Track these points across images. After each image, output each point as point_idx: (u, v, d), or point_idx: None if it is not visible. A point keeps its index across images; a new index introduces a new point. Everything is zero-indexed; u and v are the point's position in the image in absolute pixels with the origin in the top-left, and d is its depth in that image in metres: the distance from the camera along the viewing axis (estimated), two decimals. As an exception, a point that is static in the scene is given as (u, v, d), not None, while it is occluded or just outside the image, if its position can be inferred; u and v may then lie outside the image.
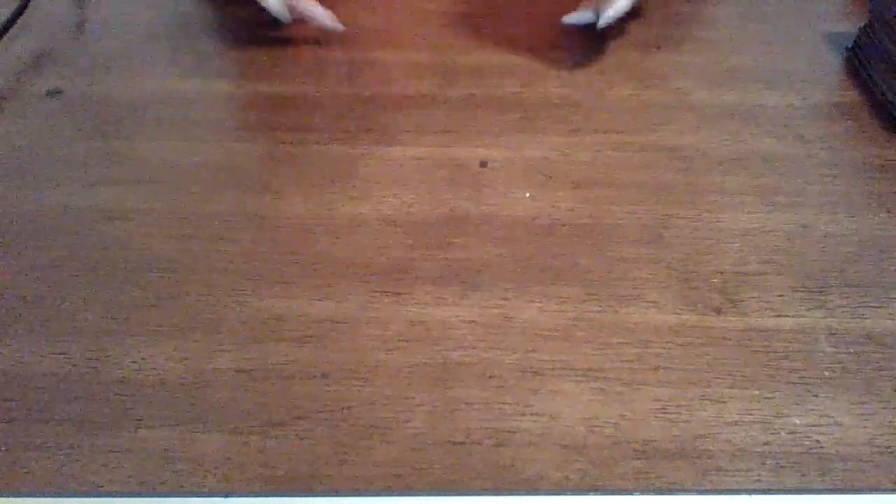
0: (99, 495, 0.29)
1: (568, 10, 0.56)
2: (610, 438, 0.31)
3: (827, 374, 0.33)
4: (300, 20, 0.51)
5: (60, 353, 0.34)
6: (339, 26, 0.51)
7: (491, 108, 0.47)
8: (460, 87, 0.49)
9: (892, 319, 0.35)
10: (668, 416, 0.32)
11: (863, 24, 0.50)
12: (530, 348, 0.34)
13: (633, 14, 0.52)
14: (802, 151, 0.44)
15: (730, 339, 0.34)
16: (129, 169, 0.43)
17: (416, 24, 0.55)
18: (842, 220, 0.40)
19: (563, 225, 0.40)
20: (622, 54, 0.52)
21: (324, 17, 0.50)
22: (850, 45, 0.51)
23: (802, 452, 0.30)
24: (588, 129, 0.46)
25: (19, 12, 0.53)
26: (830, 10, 0.56)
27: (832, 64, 0.51)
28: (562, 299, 0.36)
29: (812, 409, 0.32)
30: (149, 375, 0.33)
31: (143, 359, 0.34)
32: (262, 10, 0.50)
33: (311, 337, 0.35)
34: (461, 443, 0.31)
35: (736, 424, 0.31)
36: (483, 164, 0.43)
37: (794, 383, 0.33)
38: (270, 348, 0.34)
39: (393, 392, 0.32)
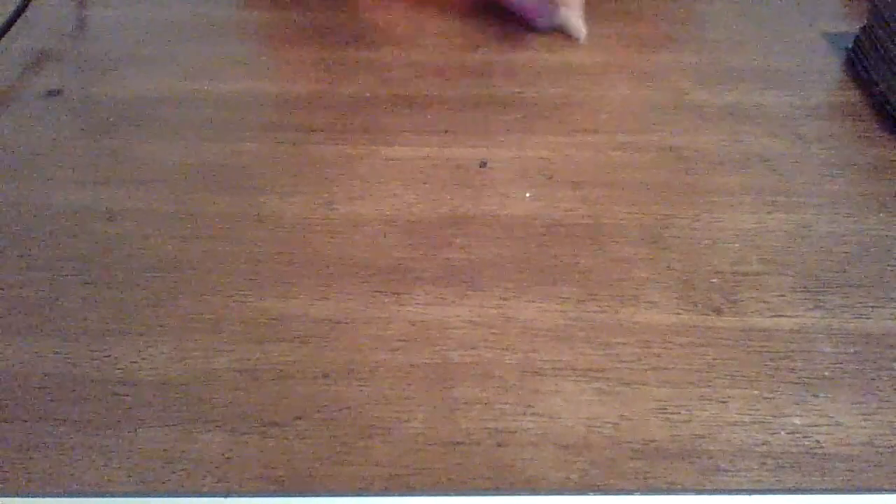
0: (99, 495, 0.29)
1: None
2: (610, 438, 0.31)
3: (827, 374, 0.33)
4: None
5: (60, 353, 0.34)
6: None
7: (491, 108, 0.47)
8: (460, 87, 0.49)
9: (892, 319, 0.35)
10: (668, 416, 0.32)
11: (863, 24, 0.50)
12: (530, 348, 0.34)
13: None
14: (802, 151, 0.44)
15: (730, 339, 0.34)
16: (129, 169, 0.43)
17: (416, 24, 0.55)
18: (842, 220, 0.40)
19: (563, 225, 0.40)
20: (622, 54, 0.52)
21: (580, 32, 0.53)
22: (850, 45, 0.51)
23: (802, 452, 0.30)
24: (588, 129, 0.46)
25: (19, 12, 0.53)
26: (830, 10, 0.56)
27: (832, 64, 0.51)
28: (562, 299, 0.36)
29: (812, 409, 0.32)
30: (149, 375, 0.33)
31: (143, 359, 0.34)
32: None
33: (311, 337, 0.35)
34: (461, 443, 0.31)
35: (736, 424, 0.31)
36: (483, 164, 0.43)
37: (794, 383, 0.33)
38: (270, 348, 0.34)
39: (393, 392, 0.32)
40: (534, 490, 0.29)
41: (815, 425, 0.31)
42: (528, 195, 0.41)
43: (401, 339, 0.34)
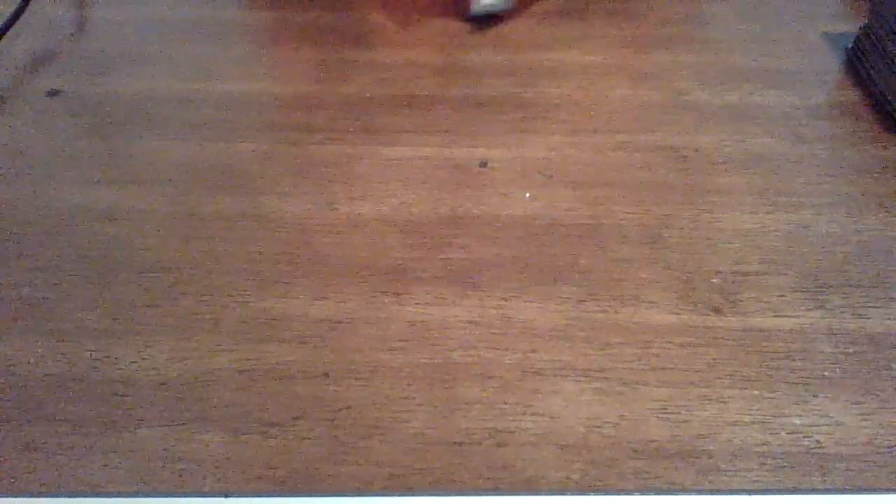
0: (99, 495, 0.29)
1: (567, 11, 0.56)
2: (610, 438, 0.31)
3: (827, 374, 0.33)
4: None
5: (60, 353, 0.34)
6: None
7: (491, 108, 0.47)
8: (460, 87, 0.49)
9: (892, 319, 0.35)
10: (668, 416, 0.32)
11: (863, 24, 0.50)
12: (530, 348, 0.34)
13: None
14: (802, 151, 0.44)
15: (730, 339, 0.34)
16: (129, 169, 0.43)
17: (416, 24, 0.55)
18: (842, 220, 0.40)
19: (563, 225, 0.40)
20: (622, 54, 0.52)
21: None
22: (850, 45, 0.51)
23: (802, 452, 0.30)
24: (588, 129, 0.46)
25: (19, 12, 0.53)
26: (830, 10, 0.56)
27: (832, 64, 0.51)
28: (562, 299, 0.36)
29: (812, 409, 0.32)
30: (149, 375, 0.33)
31: (143, 359, 0.34)
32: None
33: (311, 337, 0.35)
34: (461, 443, 0.31)
35: (736, 424, 0.31)
36: (483, 164, 0.43)
37: (794, 383, 0.33)
38: (270, 348, 0.34)
39: (393, 392, 0.32)
40: (534, 490, 0.29)
41: (815, 425, 0.31)
42: (528, 195, 0.41)
43: (401, 339, 0.34)
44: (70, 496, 0.29)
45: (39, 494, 0.29)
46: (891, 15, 0.46)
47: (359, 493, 0.29)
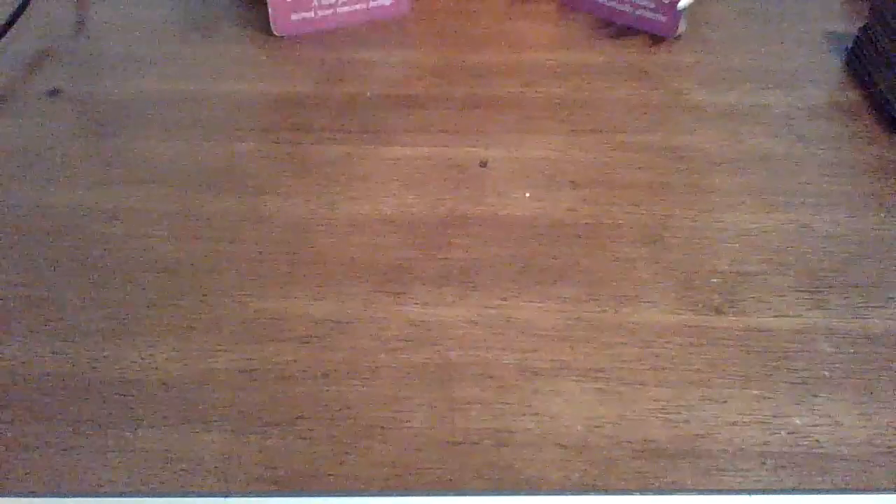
0: (99, 495, 0.29)
1: (567, 11, 0.56)
2: (610, 438, 0.31)
3: (827, 374, 0.33)
4: None
5: (60, 353, 0.34)
6: None
7: (491, 108, 0.47)
8: (460, 87, 0.49)
9: (892, 319, 0.35)
10: (668, 416, 0.32)
11: (863, 24, 0.50)
12: (530, 348, 0.34)
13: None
14: (802, 151, 0.44)
15: (730, 339, 0.34)
16: (129, 169, 0.43)
17: (415, 24, 0.55)
18: (842, 220, 0.40)
19: (563, 225, 0.40)
20: (622, 54, 0.52)
21: None
22: (850, 45, 0.51)
23: (802, 452, 0.30)
24: (588, 129, 0.46)
25: (19, 12, 0.53)
26: (830, 10, 0.56)
27: (832, 64, 0.51)
28: (562, 299, 0.36)
29: (812, 409, 0.32)
30: (149, 375, 0.33)
31: (142, 359, 0.34)
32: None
33: (311, 337, 0.35)
34: (461, 443, 0.31)
35: (736, 424, 0.31)
36: (483, 164, 0.43)
37: (794, 383, 0.33)
38: (270, 348, 0.34)
39: (393, 392, 0.32)
40: (534, 490, 0.29)
41: (815, 425, 0.31)
42: (528, 195, 0.41)
43: (401, 339, 0.34)
44: (70, 496, 0.29)
45: (39, 494, 0.29)
46: (891, 15, 0.46)
47: (359, 493, 0.29)
